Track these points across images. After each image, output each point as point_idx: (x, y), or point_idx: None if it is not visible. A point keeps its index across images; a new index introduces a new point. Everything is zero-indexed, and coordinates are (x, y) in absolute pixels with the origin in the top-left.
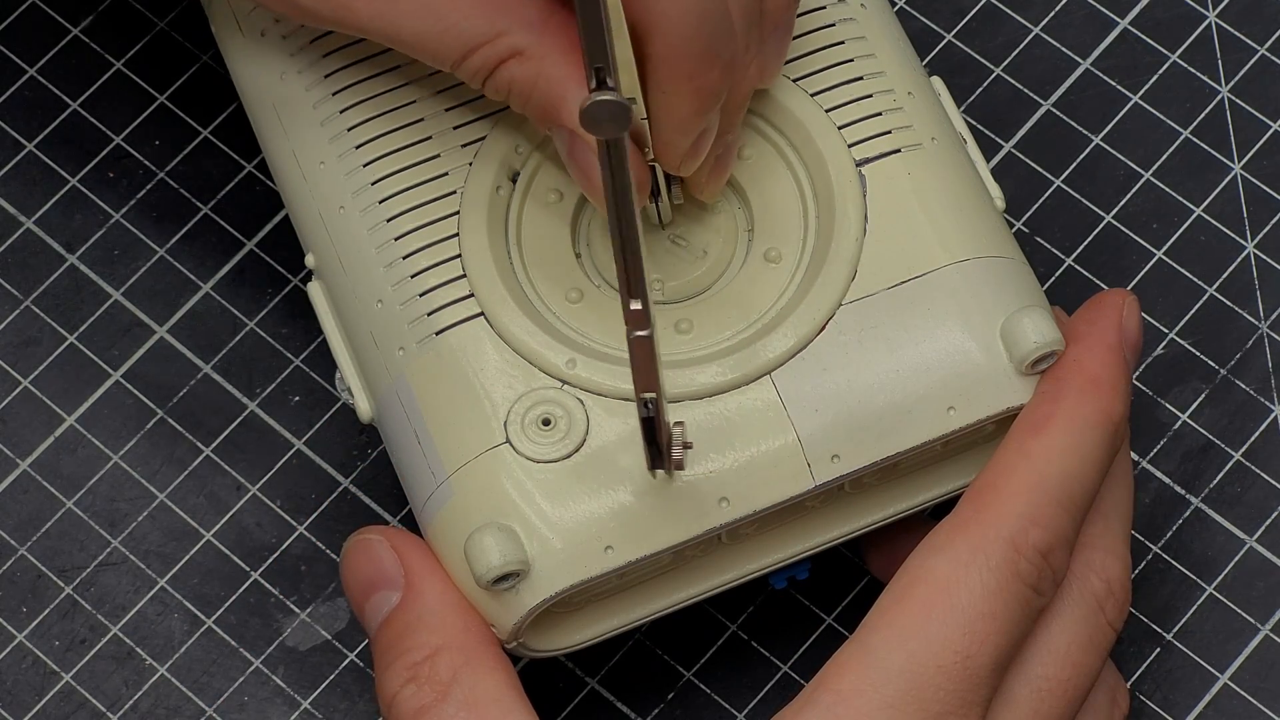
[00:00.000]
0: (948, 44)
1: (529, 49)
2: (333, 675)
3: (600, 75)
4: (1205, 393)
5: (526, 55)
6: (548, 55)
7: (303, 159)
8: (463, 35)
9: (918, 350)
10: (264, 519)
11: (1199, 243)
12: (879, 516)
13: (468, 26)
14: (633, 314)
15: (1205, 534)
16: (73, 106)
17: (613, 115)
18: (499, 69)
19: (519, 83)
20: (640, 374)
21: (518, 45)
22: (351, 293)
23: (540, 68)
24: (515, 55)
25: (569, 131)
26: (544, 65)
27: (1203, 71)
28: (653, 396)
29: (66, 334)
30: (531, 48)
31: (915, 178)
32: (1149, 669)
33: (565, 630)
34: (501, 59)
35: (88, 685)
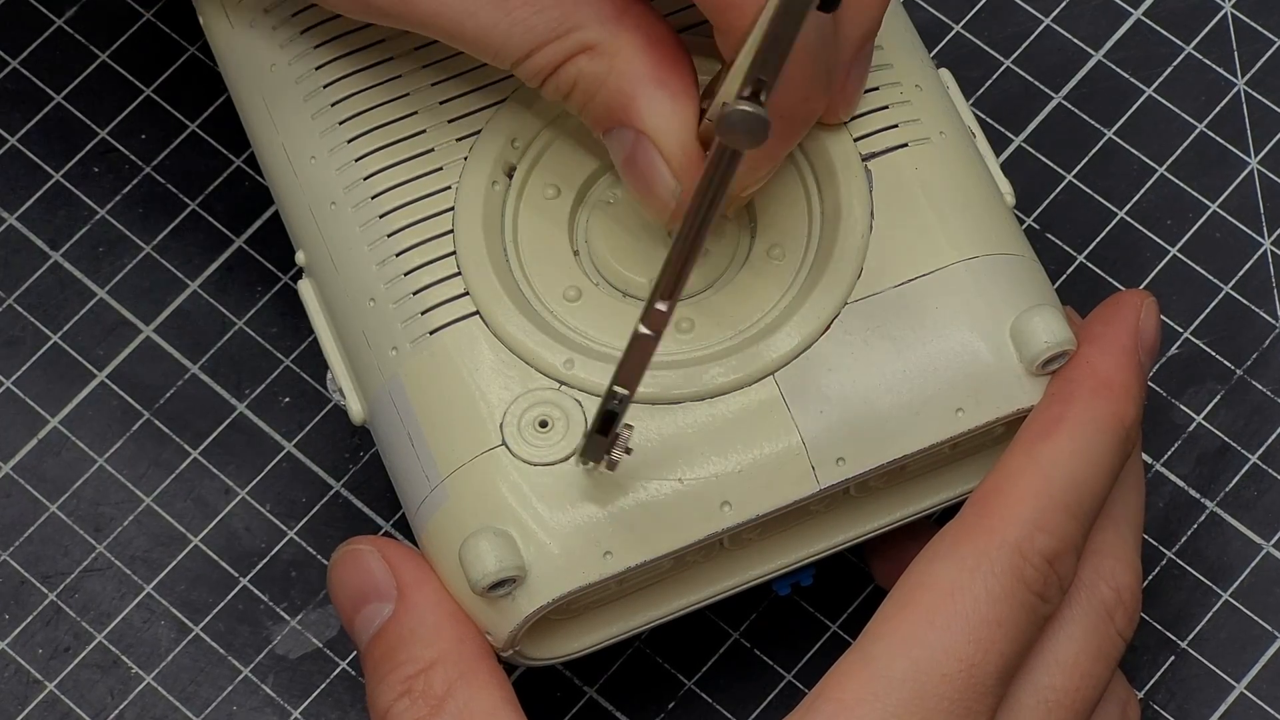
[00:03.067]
0: (956, 35)
1: (602, 44)
2: (324, 684)
3: (758, 89)
4: (1221, 393)
5: (598, 50)
6: (622, 51)
7: (293, 153)
8: (532, 30)
9: (925, 350)
10: (253, 523)
11: (1214, 239)
12: (885, 521)
13: (538, 21)
14: (655, 314)
15: (1221, 539)
16: (56, 100)
17: (751, 129)
18: (565, 64)
19: (586, 78)
20: (627, 371)
21: (589, 39)
22: (343, 291)
23: (613, 64)
24: (585, 50)
25: (633, 133)
26: (616, 61)
27: (1218, 63)
28: (625, 394)
29: (50, 333)
30: (605, 42)
31: (923, 173)
32: (1163, 678)
33: (563, 638)
34: (570, 54)
35: (72, 694)
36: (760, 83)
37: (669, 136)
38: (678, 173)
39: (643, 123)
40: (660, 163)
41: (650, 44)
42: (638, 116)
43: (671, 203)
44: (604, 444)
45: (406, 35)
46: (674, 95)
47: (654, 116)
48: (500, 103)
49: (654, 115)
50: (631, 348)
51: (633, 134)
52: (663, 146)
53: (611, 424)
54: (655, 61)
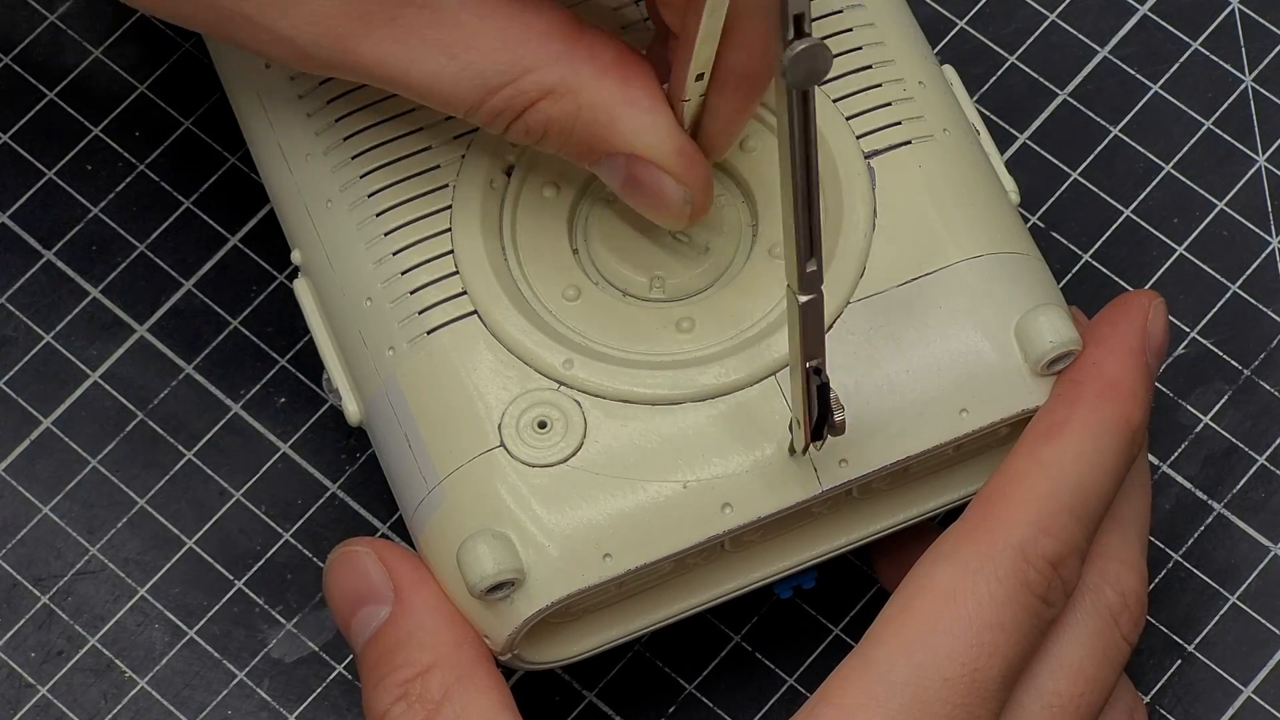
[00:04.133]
0: (960, 31)
1: (560, 84)
2: (320, 688)
3: (800, 23)
4: (1228, 394)
5: (559, 92)
6: (584, 85)
7: (289, 151)
8: (481, 75)
9: (929, 350)
10: (248, 525)
11: (1221, 238)
12: (888, 523)
13: (487, 66)
14: (808, 277)
15: (1228, 541)
16: (49, 96)
17: (817, 62)
18: (529, 111)
19: (557, 122)
20: (810, 341)
21: (546, 83)
22: (339, 290)
23: (579, 100)
24: (547, 95)
25: (624, 157)
26: (582, 96)
27: (1225, 60)
28: (820, 364)
29: (43, 333)
30: (564, 82)
31: (926, 170)
32: (1169, 682)
33: (562, 641)
34: (530, 101)
35: (65, 698)
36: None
37: (660, 147)
38: (681, 177)
39: (629, 146)
40: (661, 175)
41: (607, 67)
42: (622, 142)
43: (686, 208)
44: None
45: None
46: (648, 107)
47: (638, 136)
48: None
49: (637, 135)
50: (804, 319)
51: (623, 159)
52: (657, 159)
53: (828, 396)
54: (618, 82)
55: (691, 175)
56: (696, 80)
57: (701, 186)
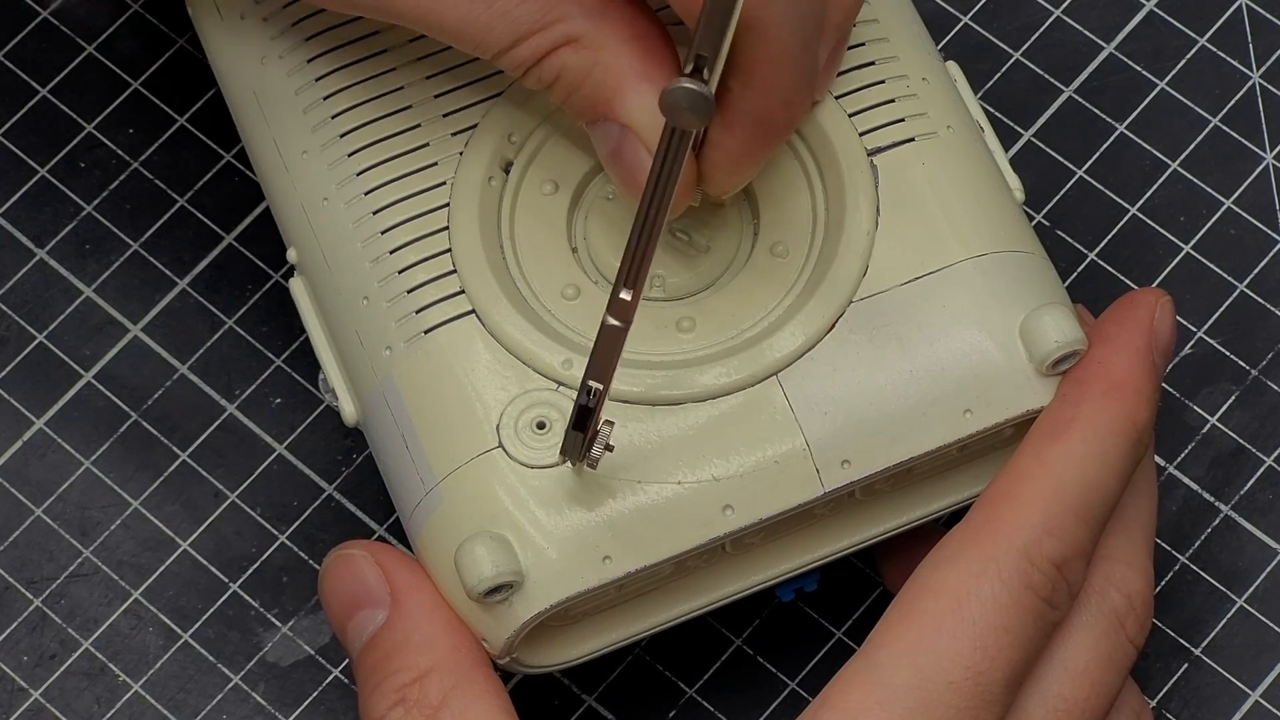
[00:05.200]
0: (964, 27)
1: (586, 36)
2: (316, 692)
3: (699, 65)
4: (1235, 394)
5: (583, 43)
6: (606, 44)
7: (284, 148)
8: (515, 21)
9: (932, 350)
10: (243, 527)
11: (1228, 236)
12: (891, 525)
13: (522, 12)
14: (619, 304)
15: (1235, 543)
16: (42, 93)
17: (694, 106)
18: (549, 56)
19: (570, 70)
20: (599, 363)
21: (574, 32)
22: (336, 289)
23: (597, 57)
24: (570, 42)
25: (619, 127)
26: (601, 54)
27: (1232, 56)
28: (599, 389)
29: (35, 333)
30: (589, 35)
31: (930, 168)
32: (1176, 685)
33: (561, 645)
34: (554, 46)
35: (57, 703)
36: (701, 59)
37: (654, 131)
38: None
39: (628, 117)
40: (645, 157)
41: (635, 37)
42: (623, 111)
43: None
44: (583, 441)
45: (401, 27)
46: (658, 89)
47: (639, 111)
48: (496, 96)
49: (639, 110)
50: (600, 339)
51: (618, 128)
52: (648, 141)
53: (587, 419)
54: (640, 55)
55: None
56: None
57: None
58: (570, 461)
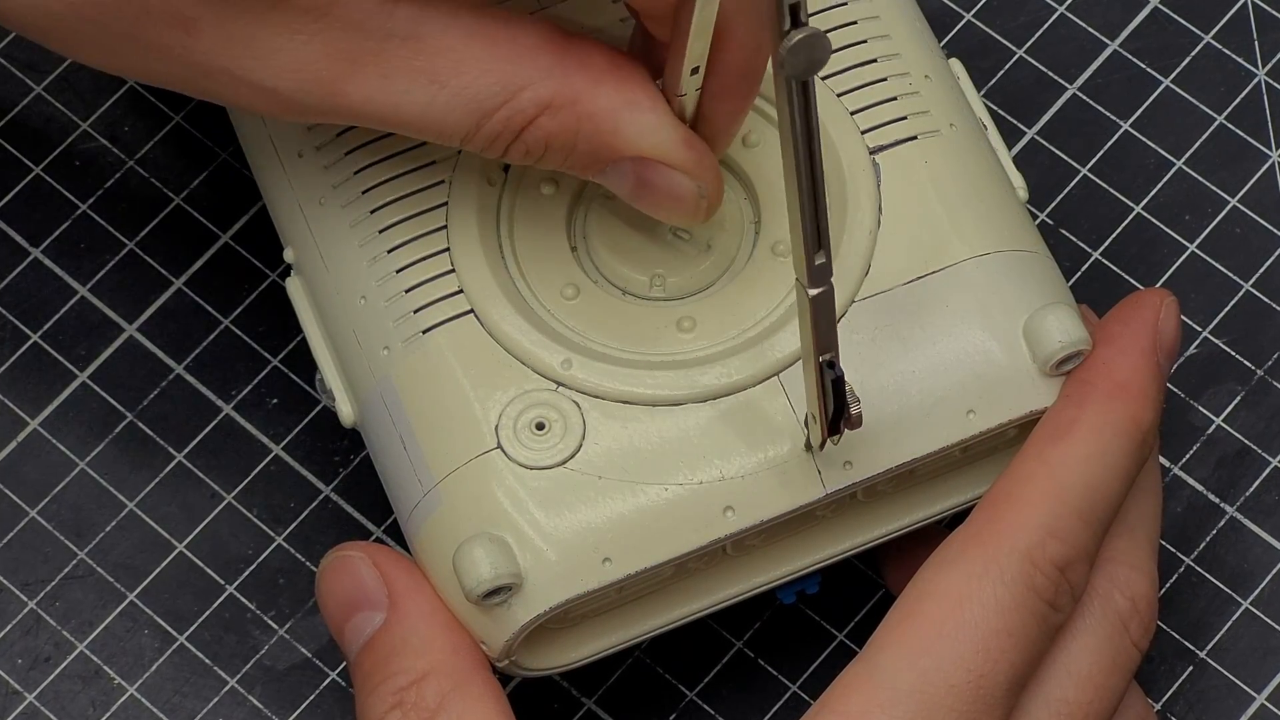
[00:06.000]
0: (967, 24)
1: (556, 97)
2: (313, 695)
3: (796, 12)
4: (1241, 395)
5: (555, 105)
6: (581, 94)
7: (281, 147)
8: (475, 100)
9: (935, 350)
10: (240, 529)
11: (1234, 235)
12: (894, 527)
13: (479, 89)
14: (817, 269)
15: (1241, 545)
16: (36, 91)
17: (815, 51)
18: (527, 130)
19: (558, 136)
20: (823, 334)
21: (542, 98)
22: (333, 289)
23: (577, 111)
24: (544, 110)
25: (632, 162)
26: (580, 107)
27: (1238, 53)
28: (834, 357)
29: (30, 332)
30: (559, 94)
31: (932, 166)
32: (1181, 688)
33: (560, 648)
34: (529, 119)
35: (52, 706)
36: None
37: (667, 145)
38: (692, 171)
39: (636, 149)
40: (672, 173)
41: (602, 73)
42: (629, 146)
43: (703, 202)
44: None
45: None
46: (649, 107)
47: (644, 137)
48: None
49: (643, 136)
50: (815, 311)
51: (630, 163)
52: (667, 158)
53: (843, 390)
54: (615, 87)
55: (702, 168)
56: (692, 74)
57: (713, 178)
58: (820, 446)
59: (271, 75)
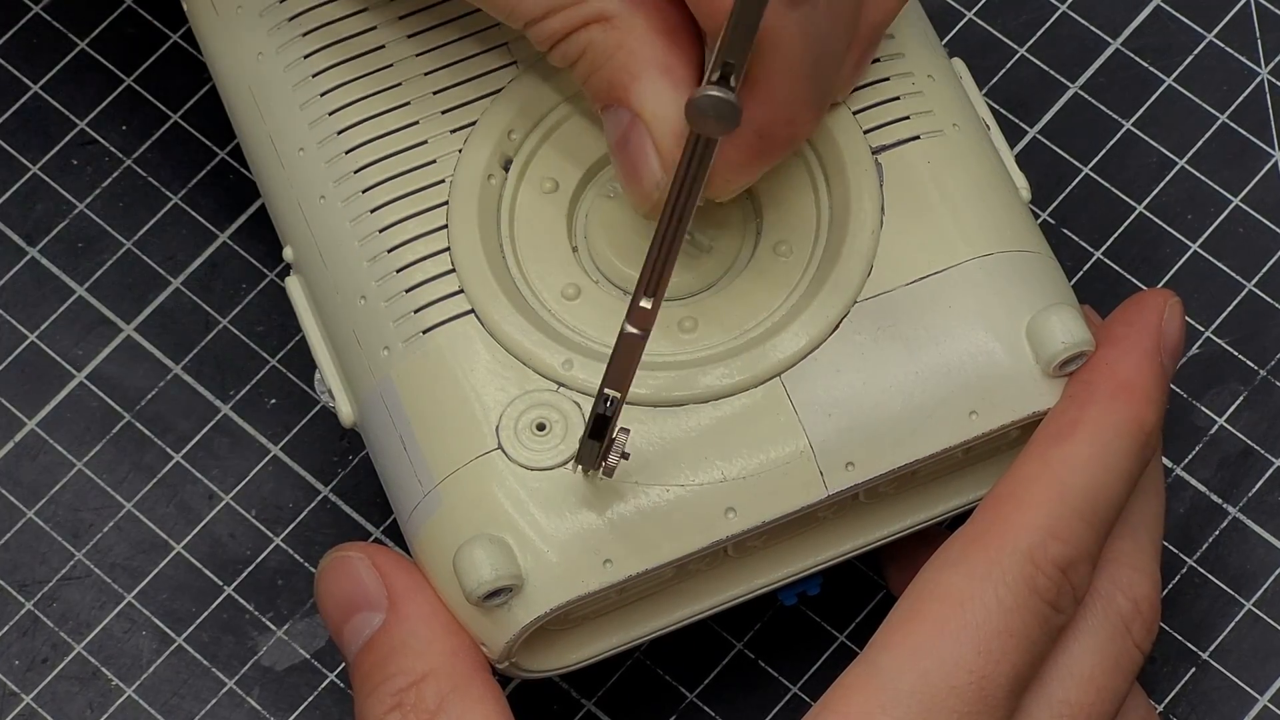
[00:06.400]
0: (969, 23)
1: (618, 16)
2: (311, 697)
3: (726, 72)
4: (1244, 395)
5: (613, 23)
6: (634, 29)
7: (280, 145)
8: None
9: (937, 351)
10: (238, 530)
11: (1237, 235)
12: (896, 528)
13: None
14: (640, 312)
15: (1243, 546)
16: (34, 89)
17: (721, 115)
18: (577, 32)
19: (596, 48)
20: (616, 371)
21: (606, 10)
22: (333, 288)
23: (623, 39)
24: (601, 20)
25: (630, 114)
26: (628, 37)
27: (1241, 52)
28: (617, 396)
29: (27, 332)
30: (620, 17)
31: (935, 166)
32: (1183, 690)
33: (561, 649)
34: (585, 21)
35: (49, 707)
36: (729, 66)
37: (664, 125)
38: (666, 164)
39: (641, 106)
40: (651, 150)
41: (663, 29)
42: (637, 98)
43: (654, 193)
44: (599, 449)
45: (400, 21)
46: (676, 84)
47: (653, 102)
48: (496, 93)
49: (653, 101)
50: (619, 348)
51: (629, 115)
52: (656, 135)
53: (604, 428)
54: (665, 46)
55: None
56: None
57: None
58: (584, 470)
59: None
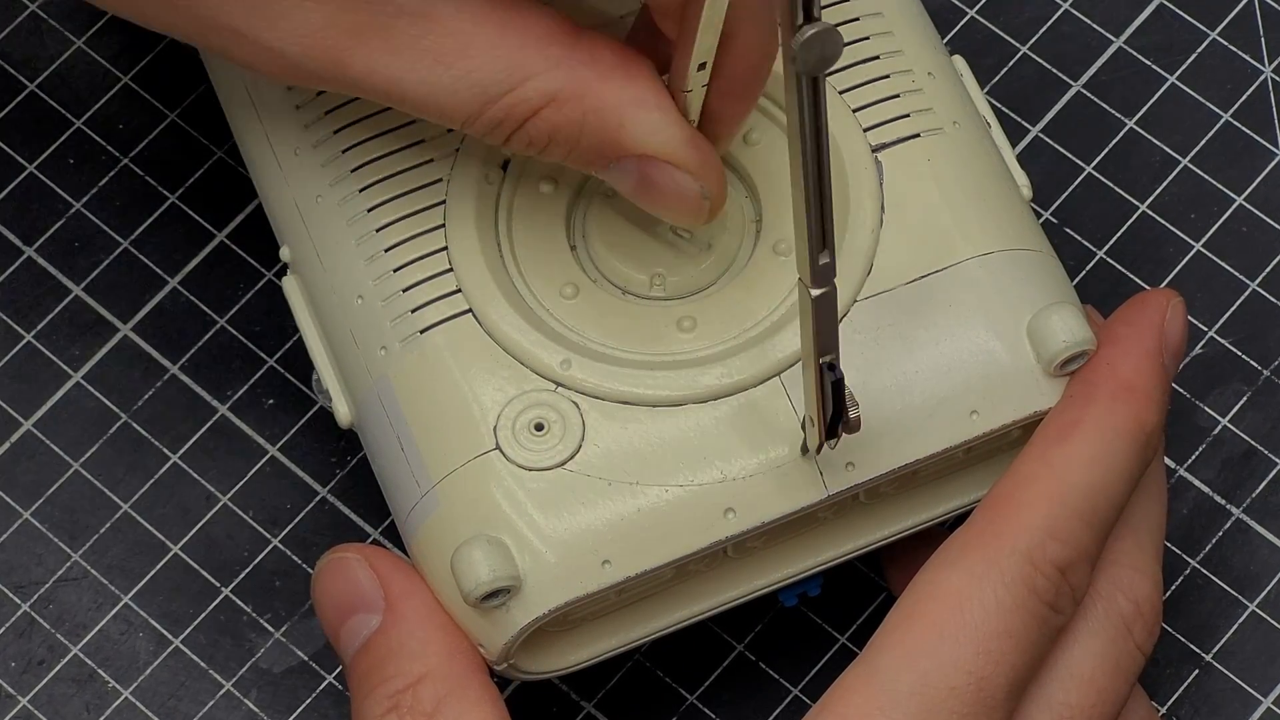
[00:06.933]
0: (970, 20)
1: (563, 90)
2: (309, 699)
3: (810, 7)
4: (1247, 395)
5: (562, 98)
6: (588, 89)
7: (277, 145)
8: (479, 84)
9: (938, 350)
10: (235, 531)
11: (1240, 234)
12: (896, 529)
13: (485, 74)
14: (821, 269)
15: (1247, 547)
16: (30, 88)
17: (828, 47)
18: (531, 121)
19: (562, 130)
20: (825, 336)
21: (549, 89)
22: (330, 288)
23: (584, 105)
24: (550, 102)
25: (636, 159)
26: (587, 101)
27: (1244, 50)
28: (835, 359)
29: (23, 332)
30: (566, 87)
31: (935, 164)
32: (1187, 692)
33: (559, 651)
34: (533, 110)
35: (46, 709)
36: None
37: (673, 145)
38: (696, 172)
39: (643, 147)
40: (676, 173)
41: (610, 68)
42: (634, 144)
43: (706, 203)
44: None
45: None
46: (656, 105)
47: (650, 136)
48: None
49: (649, 135)
50: (817, 313)
51: (634, 161)
52: (672, 157)
53: (842, 393)
54: (622, 83)
55: (706, 168)
56: (699, 70)
57: (717, 178)
58: (818, 450)
59: (278, 38)
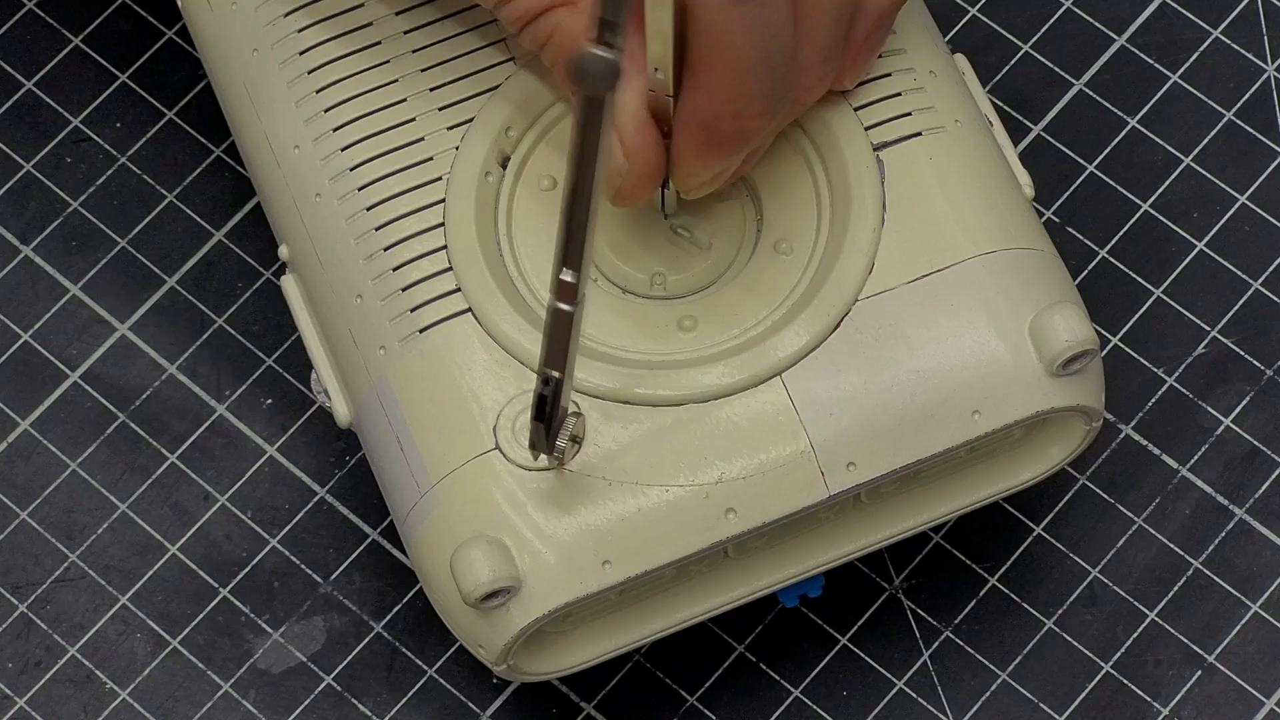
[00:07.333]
0: (972, 19)
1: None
2: (308, 700)
3: (605, 29)
4: (1250, 395)
5: (579, 6)
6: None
7: (276, 142)
8: None
9: (940, 350)
10: (233, 531)
11: (1243, 233)
12: (898, 529)
13: None
14: (563, 286)
15: (1250, 548)
16: (27, 86)
17: (600, 72)
18: (545, 14)
19: (563, 31)
20: (551, 349)
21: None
22: (329, 287)
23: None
24: (567, 3)
25: None
26: None
27: (1247, 48)
28: (557, 376)
29: (20, 331)
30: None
31: (937, 163)
32: (1189, 693)
33: (559, 651)
34: (553, 3)
35: (43, 710)
36: (605, 24)
37: (623, 110)
38: (627, 150)
39: None
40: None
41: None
42: None
43: (616, 179)
44: (547, 432)
45: (396, 17)
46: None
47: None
48: (493, 89)
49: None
50: (549, 325)
51: None
52: (618, 120)
53: (543, 408)
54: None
55: (636, 154)
56: (655, 73)
57: (640, 171)
58: (542, 455)
59: None
